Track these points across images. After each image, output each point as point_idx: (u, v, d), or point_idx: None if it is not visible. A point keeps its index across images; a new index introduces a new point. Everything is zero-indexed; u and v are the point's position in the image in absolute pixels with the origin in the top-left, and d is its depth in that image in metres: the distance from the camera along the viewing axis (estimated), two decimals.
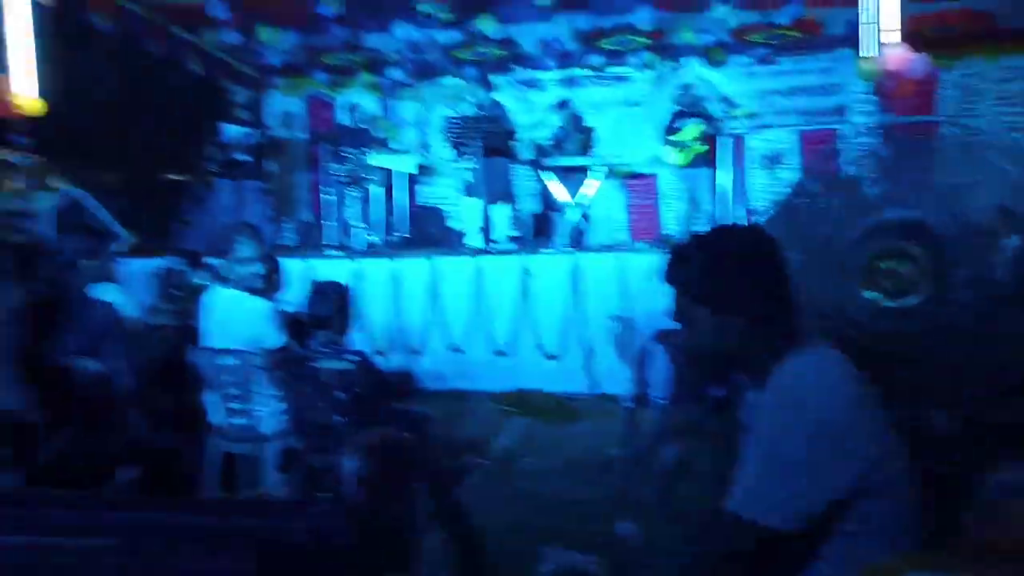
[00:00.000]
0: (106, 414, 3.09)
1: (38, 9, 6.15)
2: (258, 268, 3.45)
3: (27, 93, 6.09)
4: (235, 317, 3.34)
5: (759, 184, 8.88)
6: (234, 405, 3.37)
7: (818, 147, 8.36)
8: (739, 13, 7.24)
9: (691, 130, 7.25)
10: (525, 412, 5.27)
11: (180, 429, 3.49)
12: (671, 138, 7.36)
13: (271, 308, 3.40)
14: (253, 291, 3.48)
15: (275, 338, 3.28)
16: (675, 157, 7.43)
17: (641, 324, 4.09)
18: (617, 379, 4.92)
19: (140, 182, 8.05)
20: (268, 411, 3.38)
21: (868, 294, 3.50)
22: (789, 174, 8.57)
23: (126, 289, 4.70)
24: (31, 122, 6.19)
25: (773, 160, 8.85)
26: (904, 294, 3.44)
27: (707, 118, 7.30)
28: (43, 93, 6.22)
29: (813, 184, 5.18)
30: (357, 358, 3.16)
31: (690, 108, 7.47)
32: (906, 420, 1.53)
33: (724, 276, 1.46)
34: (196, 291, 3.87)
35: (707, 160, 7.32)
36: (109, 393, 3.14)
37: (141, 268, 6.08)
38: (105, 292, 3.79)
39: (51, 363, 2.98)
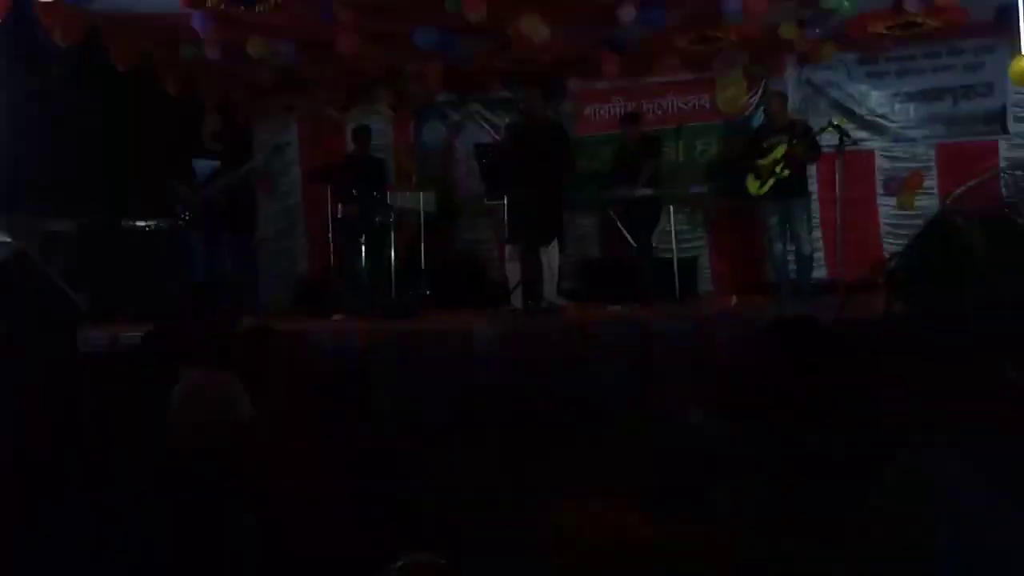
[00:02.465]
0: None
1: None
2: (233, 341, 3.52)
3: None
4: (206, 404, 3.23)
5: (887, 215, 8.96)
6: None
7: (963, 165, 8.42)
8: (856, 0, 7.28)
9: (777, 150, 7.43)
10: None
11: None
12: (759, 161, 7.56)
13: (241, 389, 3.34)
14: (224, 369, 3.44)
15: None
16: (754, 185, 7.63)
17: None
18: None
19: (95, 232, 8.31)
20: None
21: None
22: (926, 201, 8.64)
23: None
24: None
25: (904, 183, 8.87)
26: None
27: (802, 134, 7.47)
28: None
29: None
30: None
31: (780, 121, 7.70)
32: None
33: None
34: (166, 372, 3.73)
35: (797, 188, 7.50)
36: None
37: (95, 343, 6.32)
38: None
39: None
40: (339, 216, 8.05)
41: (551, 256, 7.32)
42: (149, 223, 8.51)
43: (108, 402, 4.49)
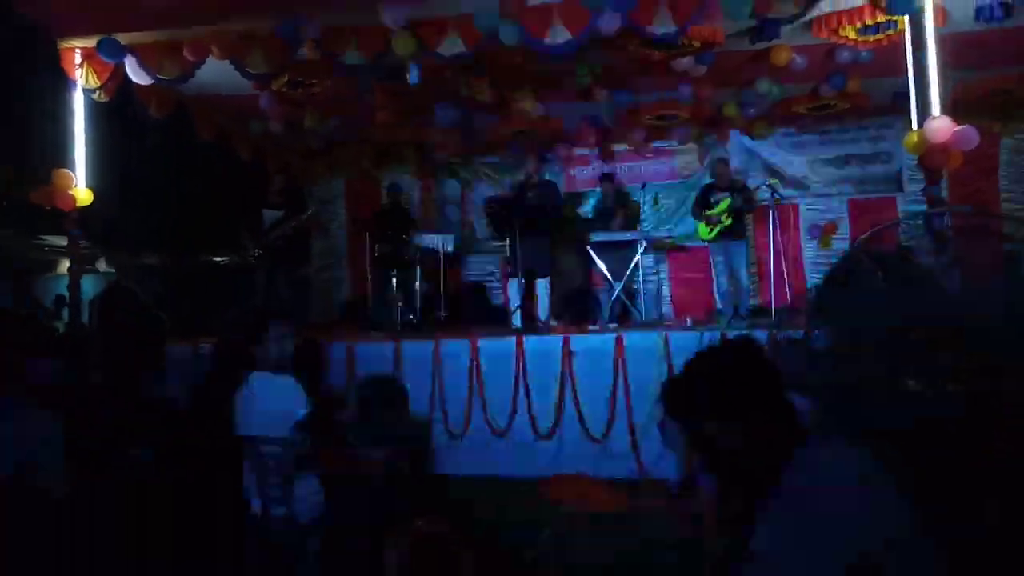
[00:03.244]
0: None
1: (90, 104, 6.55)
2: (290, 350, 3.52)
3: (82, 184, 6.45)
4: (269, 400, 3.41)
5: (809, 255, 9.02)
6: (274, 492, 3.33)
7: (869, 216, 8.50)
8: (783, 86, 7.44)
9: (722, 204, 7.42)
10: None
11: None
12: (707, 212, 7.53)
13: (299, 388, 3.45)
14: (285, 372, 3.53)
15: (303, 410, 3.33)
16: (703, 230, 7.60)
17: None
18: (666, 464, 4.70)
19: (180, 266, 8.40)
20: (308, 499, 3.36)
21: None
22: (840, 244, 8.72)
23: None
24: (83, 211, 6.55)
25: (823, 230, 8.95)
26: None
27: (741, 190, 7.46)
28: (95, 183, 6.55)
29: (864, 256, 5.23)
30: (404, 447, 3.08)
31: (724, 181, 7.63)
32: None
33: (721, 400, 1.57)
34: (235, 375, 3.81)
35: (737, 233, 7.46)
36: None
37: (180, 353, 6.22)
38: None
39: None
40: (376, 254, 8.01)
41: (544, 286, 7.29)
42: (223, 259, 8.51)
43: (189, 397, 4.58)
